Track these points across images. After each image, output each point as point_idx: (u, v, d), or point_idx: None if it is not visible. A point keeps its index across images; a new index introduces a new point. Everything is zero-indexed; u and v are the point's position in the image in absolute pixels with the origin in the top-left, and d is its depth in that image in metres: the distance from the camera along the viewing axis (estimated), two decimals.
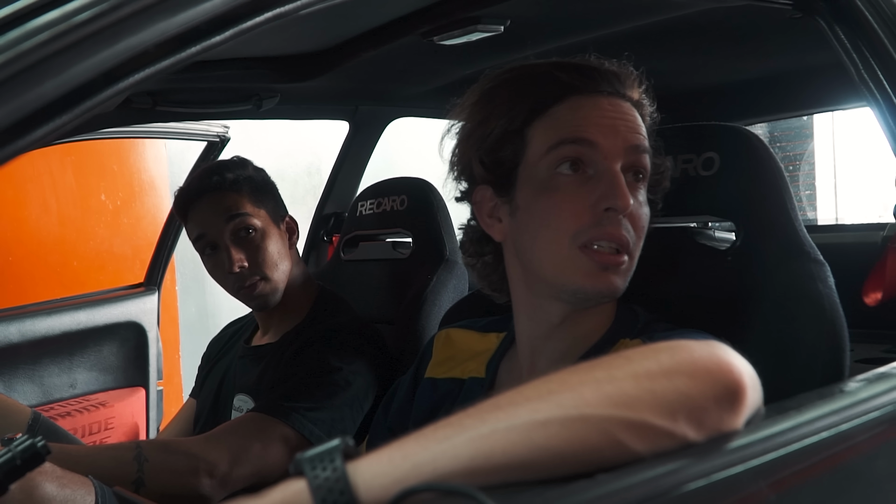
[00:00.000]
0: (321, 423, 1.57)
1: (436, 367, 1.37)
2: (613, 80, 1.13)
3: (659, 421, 0.66)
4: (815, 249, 1.18)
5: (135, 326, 2.80)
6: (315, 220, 2.63)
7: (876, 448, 0.81)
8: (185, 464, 1.48)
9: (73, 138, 2.26)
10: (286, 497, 0.61)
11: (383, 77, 2.14)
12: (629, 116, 1.12)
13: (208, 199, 1.78)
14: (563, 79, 1.11)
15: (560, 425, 0.64)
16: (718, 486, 0.66)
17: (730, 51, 1.93)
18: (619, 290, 1.10)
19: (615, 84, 1.13)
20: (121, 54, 0.61)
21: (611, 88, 1.12)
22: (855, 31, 1.22)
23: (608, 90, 1.12)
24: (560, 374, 0.69)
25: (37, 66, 0.57)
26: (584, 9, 1.60)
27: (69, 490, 1.31)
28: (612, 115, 1.11)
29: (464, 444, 0.63)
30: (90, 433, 2.51)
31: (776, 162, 1.24)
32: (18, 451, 0.91)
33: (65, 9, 0.59)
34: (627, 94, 1.14)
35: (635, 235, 1.10)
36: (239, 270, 1.74)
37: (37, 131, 0.59)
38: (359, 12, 1.61)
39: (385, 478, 0.62)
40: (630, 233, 1.09)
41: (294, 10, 0.76)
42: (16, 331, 2.44)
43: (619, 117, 1.11)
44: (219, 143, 2.68)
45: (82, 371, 2.64)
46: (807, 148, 4.90)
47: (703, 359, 0.70)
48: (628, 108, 1.13)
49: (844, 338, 1.09)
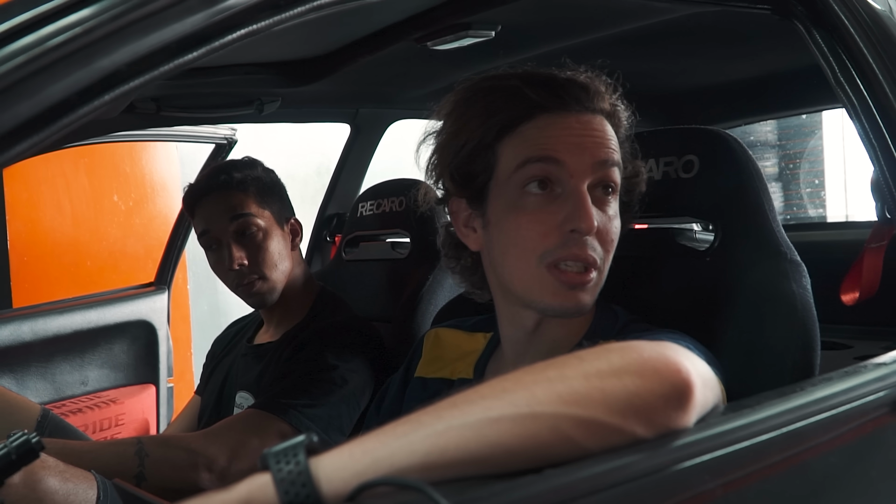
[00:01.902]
0: (318, 419, 1.61)
1: (425, 366, 1.41)
2: (582, 96, 1.13)
3: (608, 418, 0.70)
4: (792, 249, 1.21)
5: (145, 325, 2.85)
6: (318, 220, 2.68)
7: (831, 447, 0.83)
8: (184, 458, 1.51)
9: (83, 142, 2.31)
10: (251, 489, 0.65)
11: (383, 80, 2.17)
12: (597, 132, 1.13)
13: (215, 197, 1.83)
14: (532, 97, 1.11)
15: (511, 422, 0.68)
16: (664, 481, 0.69)
17: (718, 53, 1.95)
18: (586, 306, 1.12)
19: (584, 100, 1.13)
20: (94, 74, 0.65)
21: (579, 106, 1.13)
22: (832, 35, 1.24)
23: (576, 108, 1.13)
24: (515, 374, 0.73)
25: (13, 88, 0.61)
26: (571, 15, 1.63)
27: (71, 484, 1.35)
28: (580, 132, 1.12)
29: (420, 441, 0.67)
30: (101, 429, 2.56)
31: (754, 164, 1.27)
32: (13, 447, 0.95)
33: (40, 33, 0.63)
34: (598, 106, 1.14)
35: (603, 251, 1.12)
36: (238, 268, 1.79)
37: (15, 148, 0.63)
38: (354, 19, 1.65)
39: (345, 471, 0.65)
40: (597, 250, 1.10)
41: (266, 27, 0.79)
42: (28, 329, 2.48)
43: (587, 134, 1.12)
44: (226, 144, 2.72)
45: (93, 368, 2.68)
46: (807, 146, 4.89)
47: (651, 359, 0.73)
48: (598, 123, 1.13)
49: (815, 337, 1.11)
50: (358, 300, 2.03)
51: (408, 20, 1.66)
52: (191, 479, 1.50)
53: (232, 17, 0.75)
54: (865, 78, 1.22)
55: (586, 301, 1.12)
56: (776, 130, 5.01)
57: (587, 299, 1.12)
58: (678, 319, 1.16)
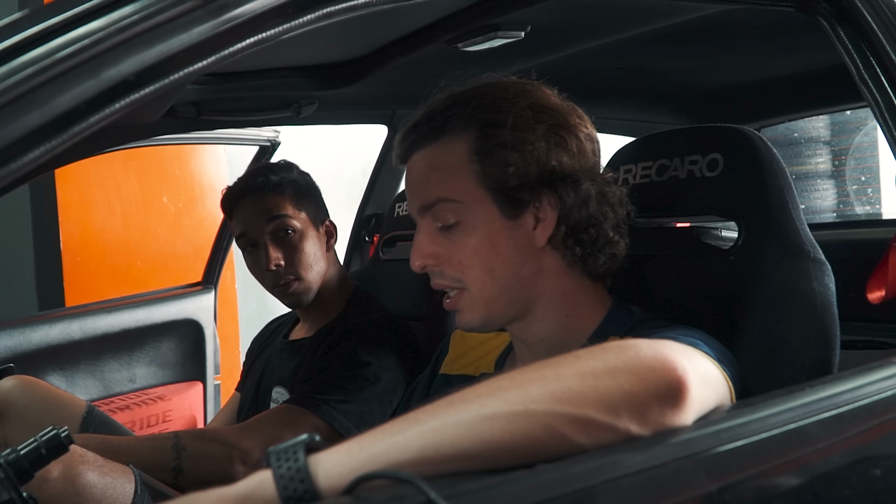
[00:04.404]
0: (350, 415, 1.64)
1: (450, 363, 1.43)
2: (408, 140, 1.20)
3: (601, 416, 0.71)
4: (816, 248, 1.20)
5: (192, 323, 2.91)
6: (357, 220, 2.71)
7: (835, 447, 0.83)
8: (220, 451, 1.56)
9: (128, 145, 2.37)
10: (251, 486, 0.68)
11: (418, 82, 2.17)
12: (415, 176, 1.20)
13: (252, 199, 1.88)
14: (396, 152, 1.24)
15: (505, 419, 0.69)
16: (658, 478, 0.70)
17: (752, 50, 1.93)
18: (469, 323, 1.20)
19: (409, 146, 1.21)
20: (102, 84, 0.68)
21: (407, 152, 1.21)
22: (856, 32, 1.23)
23: (406, 155, 1.21)
24: (512, 373, 0.75)
25: (23, 97, 0.65)
26: (600, 14, 1.63)
27: (109, 478, 1.40)
28: (407, 183, 1.23)
29: (415, 437, 0.69)
30: (148, 426, 2.62)
31: (779, 162, 1.26)
32: (43, 441, 0.99)
33: (48, 46, 0.66)
34: (416, 141, 1.20)
35: (456, 273, 1.18)
36: (275, 268, 1.83)
37: (27, 154, 0.66)
38: (385, 22, 1.67)
39: (343, 467, 0.68)
40: (446, 276, 1.19)
41: (275, 35, 0.82)
42: (77, 328, 2.56)
43: (409, 183, 1.22)
44: (269, 147, 2.76)
45: (141, 366, 2.75)
46: (852, 142, 4.79)
47: (648, 357, 0.74)
48: (415, 164, 1.20)
49: (834, 336, 1.10)
50: (394, 299, 2.05)
51: (438, 22, 1.68)
52: (227, 472, 1.54)
53: (240, 26, 0.78)
54: (889, 75, 1.20)
55: (466, 318, 1.21)
56: (828, 126, 4.91)
57: (466, 317, 1.20)
58: (700, 318, 1.15)
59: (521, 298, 1.18)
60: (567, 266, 1.18)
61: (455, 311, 1.20)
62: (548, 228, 1.16)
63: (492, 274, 1.16)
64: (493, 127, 1.14)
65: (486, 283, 1.16)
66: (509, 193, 1.14)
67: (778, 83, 2.21)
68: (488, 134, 1.14)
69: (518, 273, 1.16)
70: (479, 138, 1.15)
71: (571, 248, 1.17)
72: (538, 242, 1.16)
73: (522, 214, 1.15)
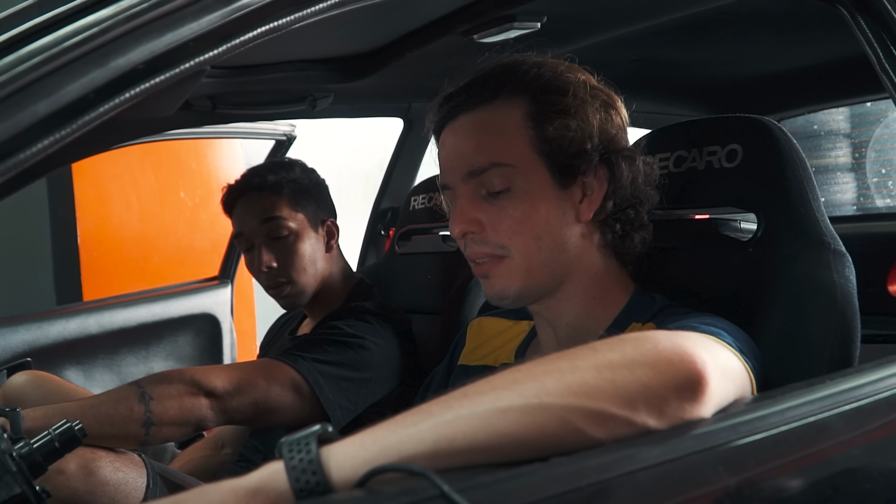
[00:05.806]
0: (329, 376, 1.62)
1: (468, 354, 1.42)
2: (453, 102, 1.19)
3: (618, 410, 0.70)
4: (837, 240, 1.18)
5: (209, 318, 2.92)
6: (373, 214, 2.70)
7: (855, 440, 0.82)
8: (184, 388, 1.48)
9: (144, 139, 2.37)
10: (263, 477, 0.67)
11: (433, 74, 2.16)
12: (460, 140, 1.18)
13: (248, 199, 1.87)
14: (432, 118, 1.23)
15: (519, 412, 0.68)
16: (675, 471, 0.69)
17: (773, 40, 1.90)
18: (503, 291, 1.18)
19: (453, 107, 1.19)
20: (110, 73, 0.67)
21: (451, 113, 1.19)
22: (876, 21, 1.21)
23: (448, 118, 1.20)
24: (527, 365, 0.73)
25: (31, 86, 0.64)
26: (617, 4, 1.61)
27: (122, 473, 1.41)
28: (449, 148, 1.20)
29: (428, 430, 0.68)
30: None
31: (798, 153, 1.24)
32: (56, 434, 0.99)
33: (57, 34, 0.65)
34: (472, 107, 1.18)
35: (501, 240, 1.16)
36: (267, 271, 1.82)
37: (35, 144, 0.65)
38: (400, 14, 1.66)
39: (355, 460, 0.67)
40: (487, 243, 1.16)
41: (286, 24, 0.81)
42: (95, 323, 2.57)
43: (451, 148, 1.19)
44: (286, 141, 2.76)
45: (158, 360, 2.76)
46: (872, 134, 4.73)
47: (666, 350, 0.73)
48: (465, 128, 1.18)
49: (854, 329, 1.09)
50: (409, 293, 2.05)
51: (453, 14, 1.66)
52: (193, 407, 1.48)
53: (250, 14, 0.77)
54: None
55: (496, 288, 1.18)
56: (848, 118, 4.86)
57: (497, 286, 1.18)
58: (720, 309, 1.14)
59: (560, 273, 1.18)
60: (602, 246, 1.20)
61: (484, 279, 1.19)
62: (595, 202, 1.17)
63: (539, 243, 1.15)
64: (554, 93, 1.15)
65: (533, 252, 1.15)
66: (565, 161, 1.14)
67: (797, 74, 2.18)
68: (547, 100, 1.15)
69: (563, 245, 1.16)
70: (534, 103, 1.15)
71: (612, 225, 1.18)
72: (583, 216, 1.17)
73: (571, 186, 1.16)
